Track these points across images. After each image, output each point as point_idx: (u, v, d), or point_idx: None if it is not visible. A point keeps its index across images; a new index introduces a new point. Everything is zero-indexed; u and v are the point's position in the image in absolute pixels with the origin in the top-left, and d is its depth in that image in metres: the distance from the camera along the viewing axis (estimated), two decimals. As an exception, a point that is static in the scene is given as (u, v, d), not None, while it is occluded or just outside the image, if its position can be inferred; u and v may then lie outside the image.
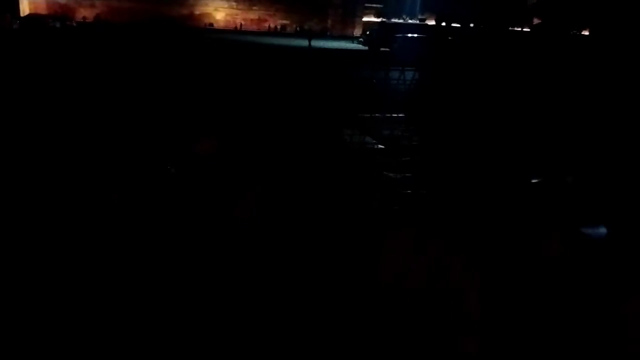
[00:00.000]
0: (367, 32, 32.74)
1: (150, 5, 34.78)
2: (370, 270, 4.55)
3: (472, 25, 30.94)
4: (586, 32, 31.43)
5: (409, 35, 26.94)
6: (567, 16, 32.27)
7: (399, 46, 25.26)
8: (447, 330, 3.34)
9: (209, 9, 36.98)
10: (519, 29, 33.53)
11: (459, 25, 31.11)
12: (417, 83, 13.52)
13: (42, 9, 33.27)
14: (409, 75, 13.53)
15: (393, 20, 36.53)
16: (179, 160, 7.81)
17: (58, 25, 30.22)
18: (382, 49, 25.41)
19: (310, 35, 26.75)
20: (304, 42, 25.21)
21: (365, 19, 38.23)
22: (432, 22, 35.36)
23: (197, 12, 36.75)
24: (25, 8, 32.76)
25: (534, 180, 8.27)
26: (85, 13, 34.61)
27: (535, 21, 35.72)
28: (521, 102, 11.65)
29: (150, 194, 6.54)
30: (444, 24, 32.02)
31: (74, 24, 31.97)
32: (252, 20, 37.52)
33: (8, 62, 16.25)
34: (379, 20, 36.76)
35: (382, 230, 5.56)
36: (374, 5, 38.62)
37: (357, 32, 36.98)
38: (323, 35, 35.05)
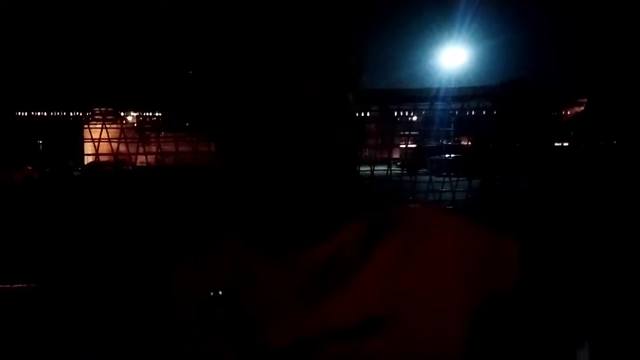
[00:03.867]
0: (404, 156, 33.41)
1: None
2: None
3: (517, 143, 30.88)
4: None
5: (445, 155, 27.04)
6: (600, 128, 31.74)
7: (435, 166, 25.29)
8: None
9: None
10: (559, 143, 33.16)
11: (499, 143, 31.25)
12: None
13: (104, 157, 36.41)
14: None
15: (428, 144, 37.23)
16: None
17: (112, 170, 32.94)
18: (419, 170, 25.62)
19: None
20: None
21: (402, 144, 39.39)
22: (466, 143, 35.78)
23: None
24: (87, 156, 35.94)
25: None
26: (143, 158, 37.44)
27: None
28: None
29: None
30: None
31: (130, 168, 34.59)
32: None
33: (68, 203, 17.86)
34: (414, 145, 37.68)
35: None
36: (411, 133, 39.97)
37: (395, 156, 38.00)
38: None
